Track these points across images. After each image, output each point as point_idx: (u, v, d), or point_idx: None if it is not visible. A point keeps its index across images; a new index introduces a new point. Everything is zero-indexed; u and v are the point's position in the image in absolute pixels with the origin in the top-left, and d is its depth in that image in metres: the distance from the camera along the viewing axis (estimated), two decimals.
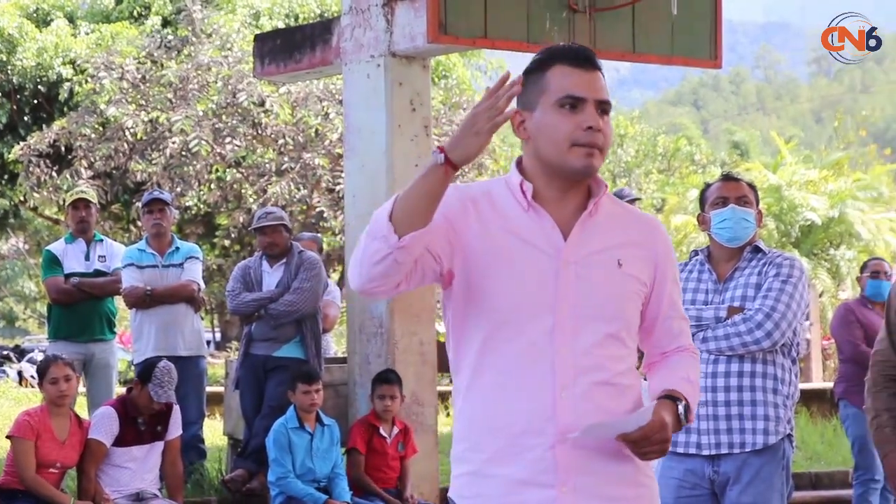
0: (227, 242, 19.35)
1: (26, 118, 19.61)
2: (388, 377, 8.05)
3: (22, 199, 19.56)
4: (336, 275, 18.39)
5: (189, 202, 17.51)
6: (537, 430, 2.88)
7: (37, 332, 39.57)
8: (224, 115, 16.85)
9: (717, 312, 4.78)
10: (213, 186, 17.76)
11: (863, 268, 8.96)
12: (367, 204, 8.29)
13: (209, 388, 9.42)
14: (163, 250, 8.70)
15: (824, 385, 14.73)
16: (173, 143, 16.55)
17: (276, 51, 9.14)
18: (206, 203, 17.94)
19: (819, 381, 18.54)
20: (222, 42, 17.51)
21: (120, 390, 9.02)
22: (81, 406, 9.00)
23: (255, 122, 16.93)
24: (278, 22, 18.59)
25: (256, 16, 18.97)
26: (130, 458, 7.44)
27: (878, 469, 8.12)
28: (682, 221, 23.37)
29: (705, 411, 4.71)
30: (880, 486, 8.43)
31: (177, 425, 7.60)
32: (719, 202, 4.88)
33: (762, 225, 5.05)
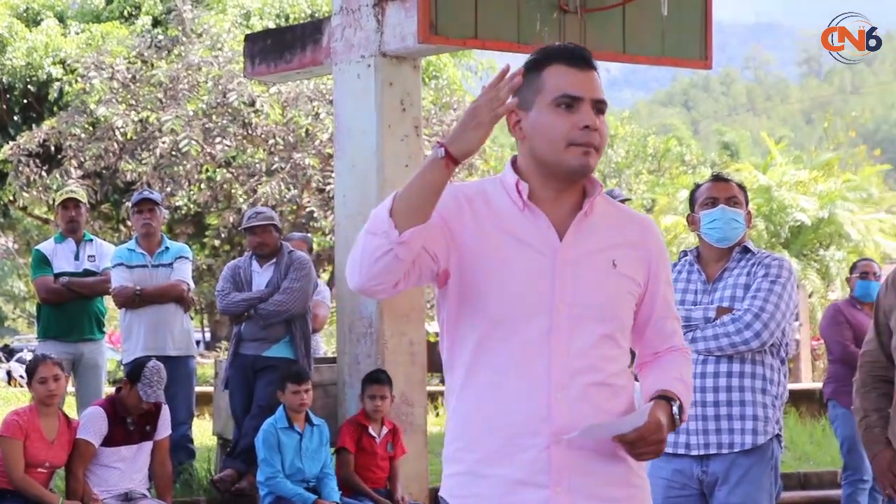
0: (216, 242, 19.31)
1: (16, 118, 19.56)
2: (379, 377, 8.05)
3: (11, 198, 19.49)
4: (326, 275, 18.37)
5: (179, 202, 17.46)
6: (532, 431, 2.88)
7: (26, 332, 39.50)
8: (214, 115, 16.81)
9: (706, 313, 4.78)
10: (202, 186, 17.71)
11: (852, 268, 8.97)
12: (358, 204, 8.29)
13: (198, 388, 9.42)
14: (152, 250, 8.69)
15: (813, 385, 14.77)
16: (163, 142, 16.51)
17: (267, 51, 9.13)
18: (195, 203, 17.89)
19: (808, 381, 18.62)
20: (213, 42, 17.46)
21: (109, 390, 9.01)
22: (70, 406, 8.98)
23: (245, 122, 16.89)
24: (269, 22, 18.56)
25: (247, 16, 18.93)
26: (119, 458, 7.42)
27: (867, 469, 8.13)
28: (672, 222, 23.42)
29: (694, 411, 4.69)
30: (869, 487, 8.45)
31: (166, 425, 7.59)
32: (709, 203, 4.88)
33: (752, 225, 5.07)
